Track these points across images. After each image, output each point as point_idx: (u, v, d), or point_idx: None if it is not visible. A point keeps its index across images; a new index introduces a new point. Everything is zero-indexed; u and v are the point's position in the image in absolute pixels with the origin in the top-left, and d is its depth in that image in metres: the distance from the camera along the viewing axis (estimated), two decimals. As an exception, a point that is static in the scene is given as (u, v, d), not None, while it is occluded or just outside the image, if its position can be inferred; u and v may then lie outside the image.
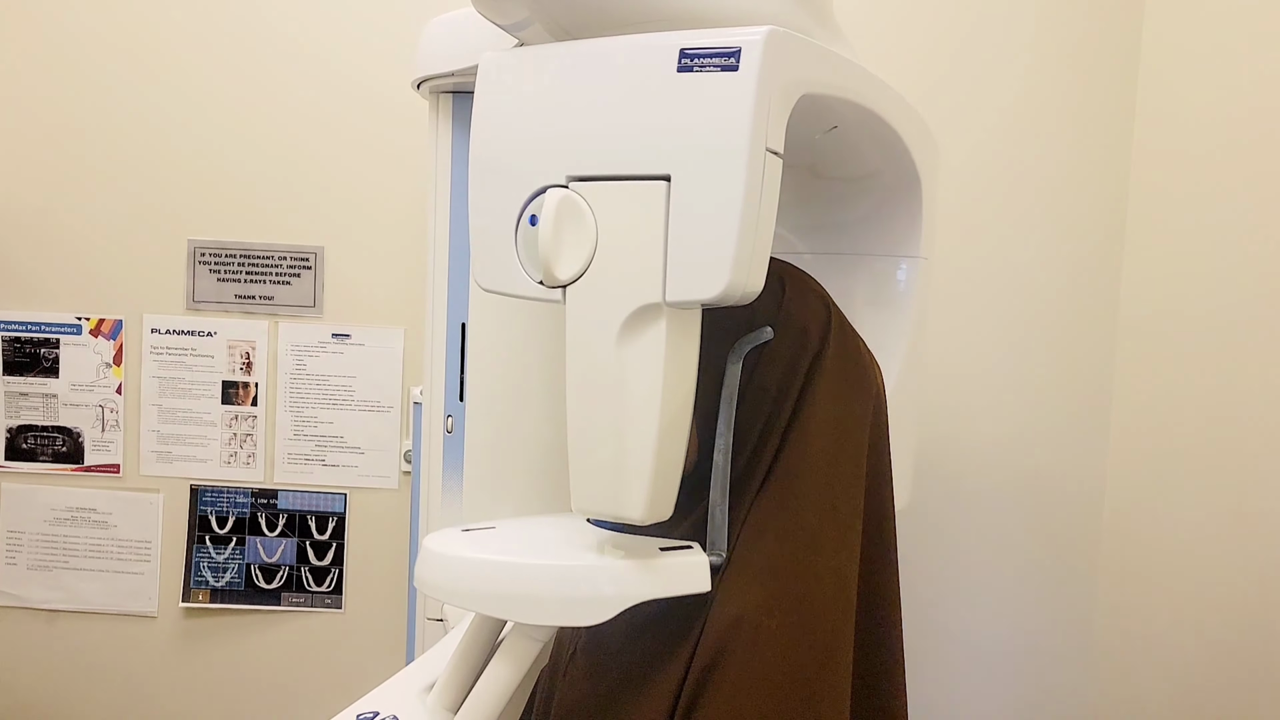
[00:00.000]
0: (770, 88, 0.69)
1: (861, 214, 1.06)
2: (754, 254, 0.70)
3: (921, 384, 1.10)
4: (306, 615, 1.69)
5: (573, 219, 0.75)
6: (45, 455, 1.70)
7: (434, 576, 0.82)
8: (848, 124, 0.85)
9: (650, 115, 0.72)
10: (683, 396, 0.77)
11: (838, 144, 0.93)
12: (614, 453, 0.76)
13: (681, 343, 0.75)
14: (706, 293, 0.70)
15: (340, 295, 1.66)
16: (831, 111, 0.82)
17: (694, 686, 0.78)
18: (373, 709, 0.90)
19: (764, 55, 0.68)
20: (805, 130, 0.85)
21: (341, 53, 1.63)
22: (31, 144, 1.65)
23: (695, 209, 0.70)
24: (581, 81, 0.76)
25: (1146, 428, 1.54)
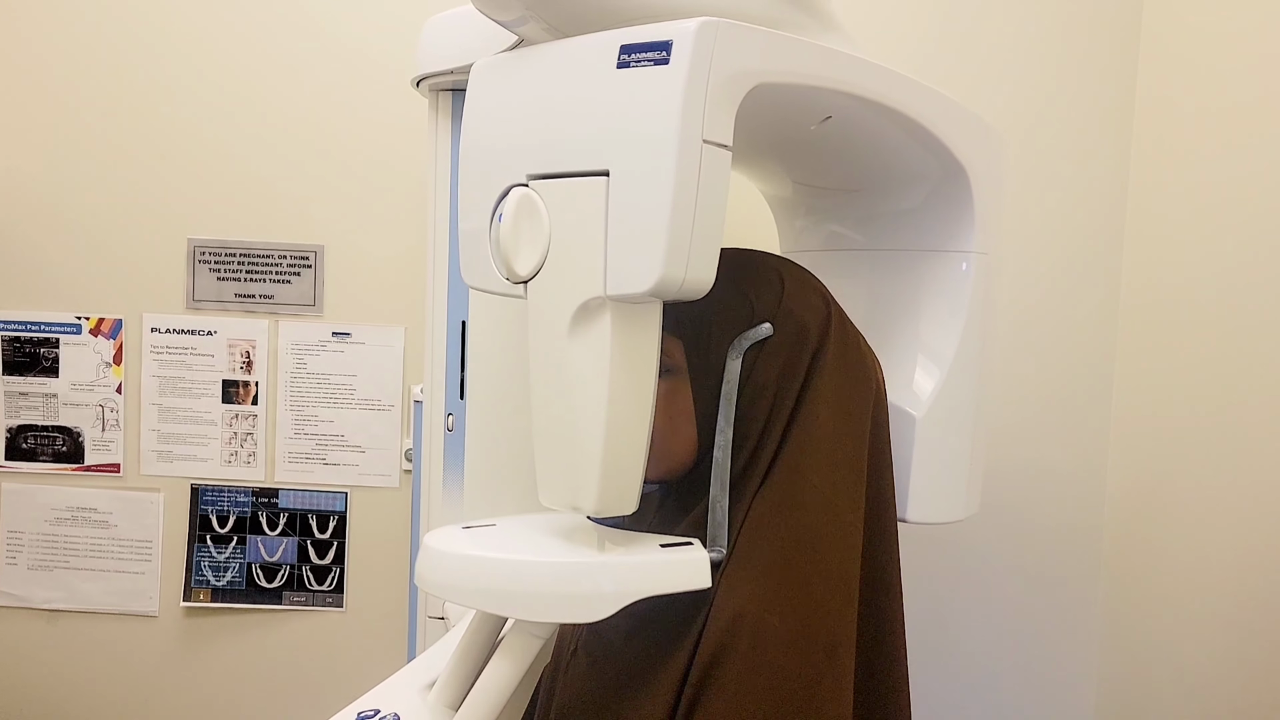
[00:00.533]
0: (703, 79, 0.69)
1: (909, 206, 1.03)
2: (692, 246, 0.70)
3: (981, 392, 1.01)
4: (308, 614, 1.69)
5: (529, 216, 0.77)
6: (45, 455, 1.70)
7: (435, 574, 0.83)
8: (846, 115, 0.84)
9: (593, 112, 0.74)
10: (636, 390, 0.77)
11: (848, 135, 0.92)
12: (568, 445, 0.78)
13: (632, 337, 0.76)
14: (641, 286, 0.71)
15: (341, 294, 1.67)
16: (820, 102, 0.81)
17: (696, 683, 0.78)
18: (374, 707, 0.90)
19: (695, 47, 0.69)
20: (799, 122, 0.85)
21: (341, 51, 1.63)
22: (31, 144, 1.66)
23: (630, 203, 0.71)
24: (540, 83, 0.78)
25: (1148, 421, 1.54)
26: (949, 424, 0.98)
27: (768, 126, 0.89)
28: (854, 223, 1.10)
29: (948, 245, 0.99)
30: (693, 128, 0.69)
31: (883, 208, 1.05)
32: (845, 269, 1.08)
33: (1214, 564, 1.38)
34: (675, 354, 0.86)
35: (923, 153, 0.93)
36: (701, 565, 0.80)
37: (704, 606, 0.81)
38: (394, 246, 1.64)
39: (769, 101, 0.76)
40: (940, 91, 0.90)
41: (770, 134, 0.92)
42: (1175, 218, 1.50)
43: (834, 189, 1.10)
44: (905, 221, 1.03)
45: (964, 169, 0.93)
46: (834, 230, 1.13)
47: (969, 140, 0.94)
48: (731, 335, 0.84)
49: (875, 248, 1.07)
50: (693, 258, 0.71)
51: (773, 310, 0.85)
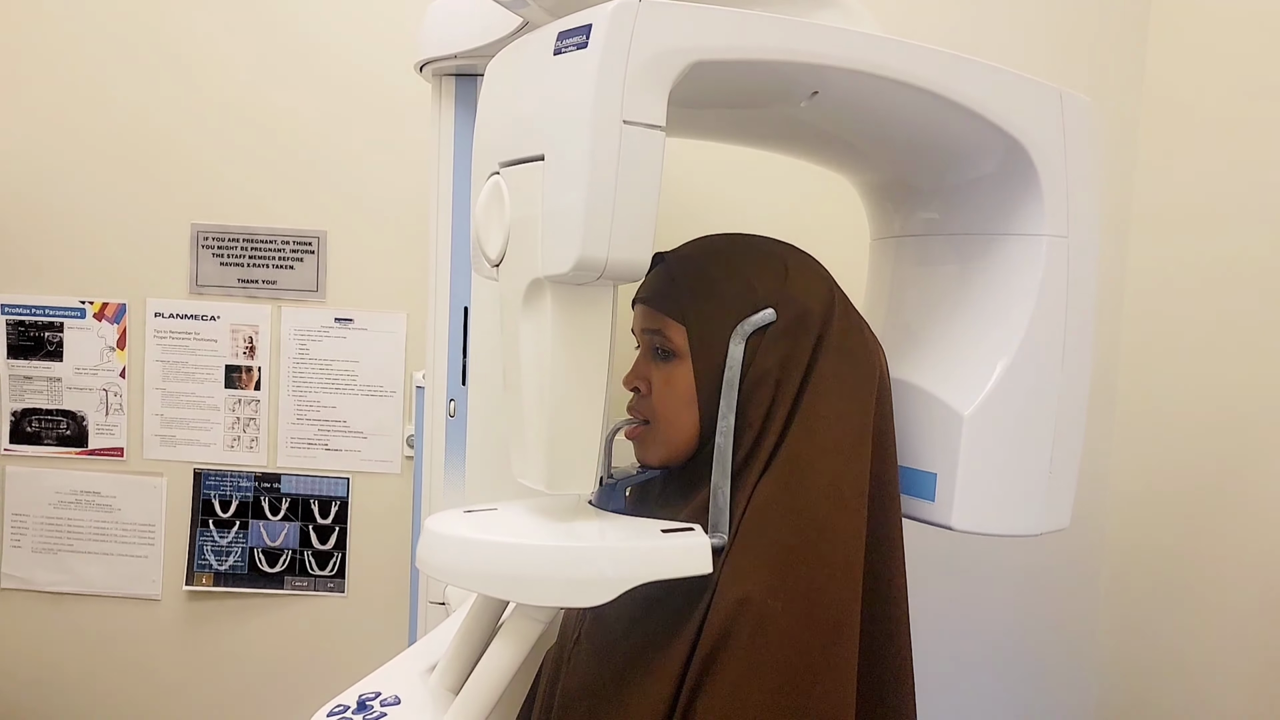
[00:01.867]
0: (621, 60, 0.70)
1: (967, 187, 0.96)
2: (614, 228, 0.70)
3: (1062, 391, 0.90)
4: (309, 599, 1.70)
5: (495, 203, 0.80)
6: (49, 438, 1.70)
7: (436, 557, 0.83)
8: (836, 90, 0.83)
9: (535, 98, 0.76)
10: (580, 371, 0.78)
11: (859, 112, 0.89)
12: (522, 422, 0.80)
13: (574, 318, 0.77)
14: (562, 266, 0.72)
15: (343, 280, 1.67)
16: (798, 78, 0.80)
17: (699, 668, 0.78)
18: (375, 689, 0.90)
19: (610, 29, 0.69)
20: (786, 97, 0.84)
21: (344, 36, 1.62)
22: (35, 129, 1.66)
23: (556, 185, 0.72)
24: (513, 74, 0.81)
25: (1152, 420, 1.54)
26: (1008, 424, 0.90)
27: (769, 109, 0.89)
28: (929, 206, 1.03)
29: (1013, 228, 0.91)
30: (609, 109, 0.70)
31: (944, 189, 0.99)
32: (919, 256, 1.03)
33: (1223, 565, 1.38)
34: (677, 339, 0.86)
35: (960, 128, 0.88)
36: (703, 551, 0.80)
37: (706, 593, 0.81)
38: (396, 232, 1.64)
39: (740, 78, 0.77)
40: (980, 61, 0.85)
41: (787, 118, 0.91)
42: (1181, 216, 1.49)
43: (895, 174, 1.05)
44: (969, 203, 0.96)
45: (1018, 143, 0.87)
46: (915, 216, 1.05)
47: (1022, 111, 0.87)
48: (734, 321, 0.84)
49: (944, 232, 1.00)
50: (615, 239, 0.71)
51: (776, 295, 0.85)
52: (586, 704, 0.87)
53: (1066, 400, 0.91)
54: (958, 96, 0.84)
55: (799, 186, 1.60)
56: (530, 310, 0.78)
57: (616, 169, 0.70)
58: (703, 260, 0.88)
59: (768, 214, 1.57)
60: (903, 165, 1.02)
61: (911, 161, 1.00)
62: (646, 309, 0.89)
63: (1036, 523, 0.92)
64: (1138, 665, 1.55)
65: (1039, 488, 0.91)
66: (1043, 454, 0.91)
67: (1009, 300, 0.90)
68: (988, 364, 0.89)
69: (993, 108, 0.86)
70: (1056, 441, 0.91)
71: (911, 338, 0.99)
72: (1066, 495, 0.93)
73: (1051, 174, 0.88)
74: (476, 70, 1.16)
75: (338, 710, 0.87)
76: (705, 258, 0.88)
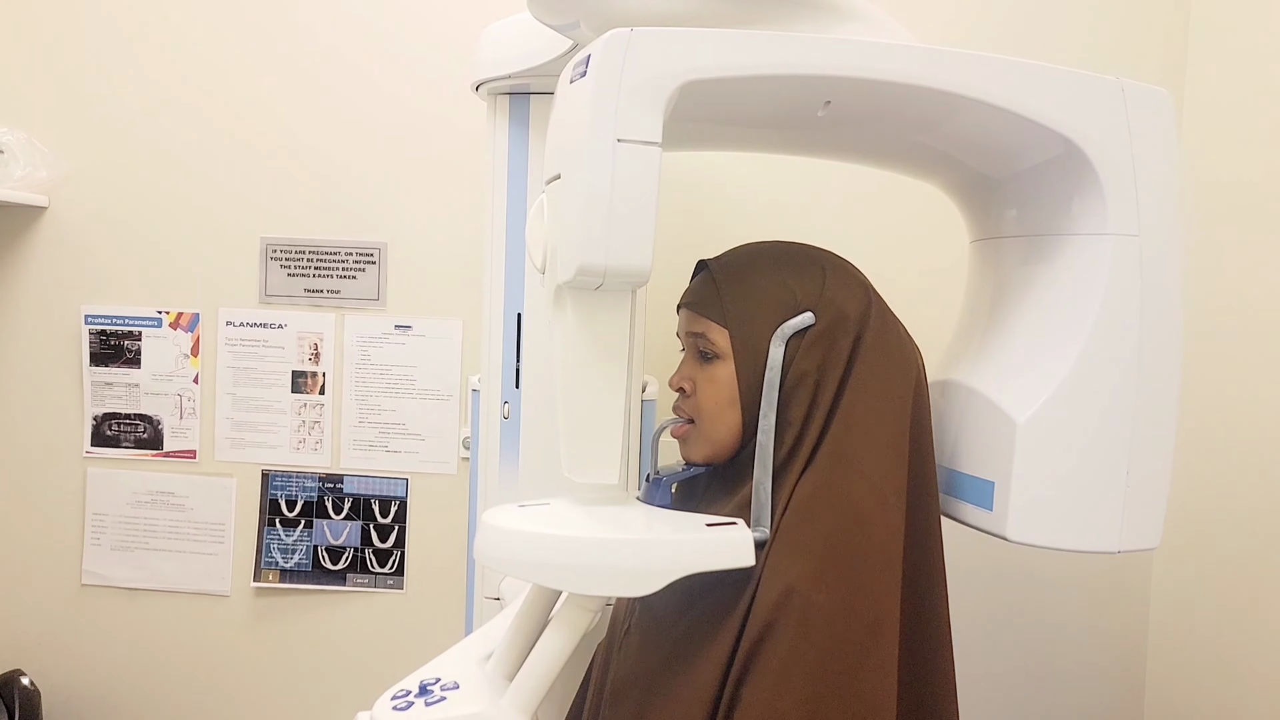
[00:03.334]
0: (615, 85, 0.76)
1: (1027, 187, 0.95)
2: (611, 237, 0.77)
3: (1138, 400, 0.85)
4: (370, 595, 1.74)
5: (539, 216, 0.87)
6: (128, 441, 1.76)
7: (493, 549, 0.87)
8: (849, 99, 0.85)
9: (557, 122, 0.84)
10: (599, 370, 0.85)
11: (875, 118, 0.91)
12: (556, 417, 0.88)
13: (591, 320, 0.84)
14: (567, 274, 0.79)
15: (402, 288, 1.71)
16: (804, 90, 0.83)
17: (745, 656, 0.81)
18: (435, 675, 0.94)
19: (603, 58, 0.77)
20: (804, 109, 0.87)
21: (404, 59, 1.67)
22: (116, 151, 1.72)
23: (566, 199, 0.79)
24: (556, 99, 0.86)
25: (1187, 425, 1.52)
26: (1071, 434, 0.86)
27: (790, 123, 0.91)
28: (999, 209, 1.01)
29: (1075, 227, 0.87)
30: (603, 129, 0.76)
31: (1007, 192, 0.98)
32: (995, 259, 1.02)
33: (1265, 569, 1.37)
34: (720, 342, 0.89)
35: (996, 128, 0.87)
36: (745, 544, 0.83)
37: (750, 585, 0.83)
38: (453, 243, 1.68)
39: (747, 94, 0.82)
40: (1012, 60, 0.84)
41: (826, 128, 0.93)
42: (1228, 216, 1.48)
43: (958, 177, 1.04)
44: (1032, 204, 0.93)
45: (1068, 140, 0.84)
46: (989, 219, 1.04)
47: (1069, 107, 0.84)
48: (775, 324, 0.87)
49: (1015, 234, 0.97)
50: (613, 247, 0.77)
51: (814, 299, 0.88)
52: (637, 691, 0.90)
53: (1146, 410, 0.85)
54: (984, 96, 0.83)
55: (840, 193, 1.63)
56: (558, 313, 0.85)
57: (612, 183, 0.76)
58: (743, 266, 0.91)
59: (808, 221, 1.60)
60: (957, 169, 1.02)
61: (964, 165, 0.99)
62: (690, 313, 0.93)
63: (1112, 539, 0.86)
64: (1188, 675, 1.53)
65: (1113, 502, 0.86)
66: (1116, 466, 0.85)
67: (1072, 304, 0.86)
68: (1049, 370, 0.86)
69: (1032, 106, 0.83)
70: (1135, 454, 0.85)
71: (981, 342, 0.99)
72: (1152, 511, 0.87)
73: (1114, 170, 0.84)
74: (529, 89, 1.19)
75: (401, 694, 0.91)
76: (746, 264, 0.92)
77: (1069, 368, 0.85)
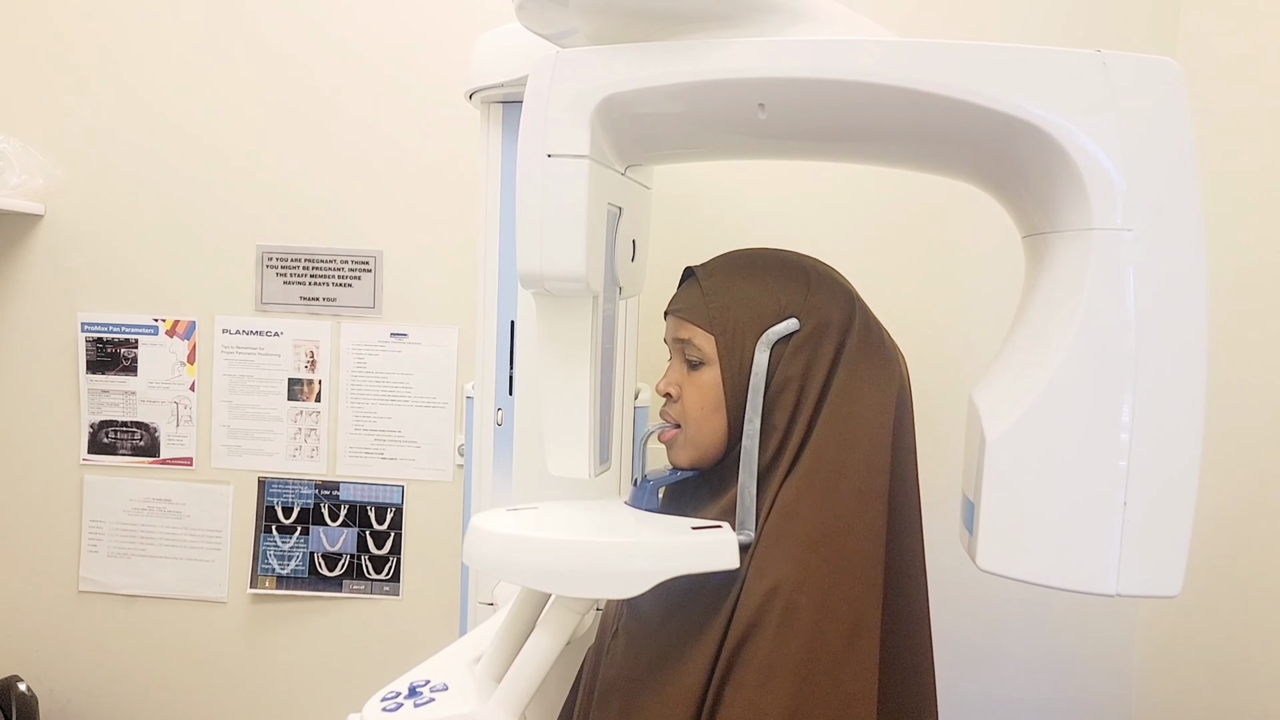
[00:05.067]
0: (544, 103, 0.82)
1: (1012, 182, 0.87)
2: (544, 244, 0.83)
3: (1141, 418, 0.72)
4: (366, 601, 1.74)
5: None
6: (125, 449, 1.77)
7: (481, 552, 0.88)
8: (782, 100, 0.83)
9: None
10: (565, 370, 0.90)
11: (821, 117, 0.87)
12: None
13: (556, 324, 0.90)
14: (521, 280, 0.85)
15: (398, 297, 1.72)
16: (731, 94, 0.83)
17: (729, 656, 0.82)
18: (424, 677, 0.95)
19: (533, 80, 0.83)
20: (740, 113, 0.86)
21: (398, 69, 1.68)
22: (112, 161, 1.74)
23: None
24: None
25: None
26: (1049, 453, 0.75)
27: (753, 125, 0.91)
28: (1022, 204, 0.88)
29: (1063, 223, 0.77)
30: (534, 146, 0.82)
31: (1008, 190, 0.89)
32: (1026, 257, 0.90)
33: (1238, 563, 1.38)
34: (706, 348, 0.91)
35: (949, 119, 0.79)
36: (730, 546, 0.85)
37: (735, 587, 0.85)
38: (448, 252, 1.69)
39: (683, 102, 0.84)
40: (959, 43, 0.76)
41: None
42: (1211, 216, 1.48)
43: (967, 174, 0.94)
44: (1027, 201, 0.85)
45: (1036, 127, 0.74)
46: (1018, 213, 0.92)
47: (1034, 89, 0.75)
48: (759, 330, 0.88)
49: (1026, 234, 0.88)
50: (547, 254, 0.83)
51: (799, 306, 0.89)
52: (624, 692, 0.92)
53: (1151, 430, 0.73)
54: (929, 86, 0.76)
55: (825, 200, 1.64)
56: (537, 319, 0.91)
57: (544, 195, 0.81)
58: (729, 273, 0.93)
59: (794, 228, 1.61)
60: (955, 164, 0.94)
61: (960, 161, 0.92)
62: (677, 319, 0.94)
63: (1106, 580, 0.74)
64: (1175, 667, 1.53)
65: (1107, 537, 0.73)
66: (1108, 494, 0.73)
67: (1059, 309, 0.76)
68: (1030, 383, 0.76)
69: (986, 91, 0.75)
70: (1135, 480, 0.73)
71: (1000, 350, 0.89)
72: (1168, 551, 0.73)
73: (1093, 156, 0.73)
74: (521, 98, 1.21)
75: (390, 695, 0.92)
76: (731, 271, 0.93)
77: (1048, 379, 0.75)
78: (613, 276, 0.95)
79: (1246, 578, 1.38)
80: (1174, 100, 0.74)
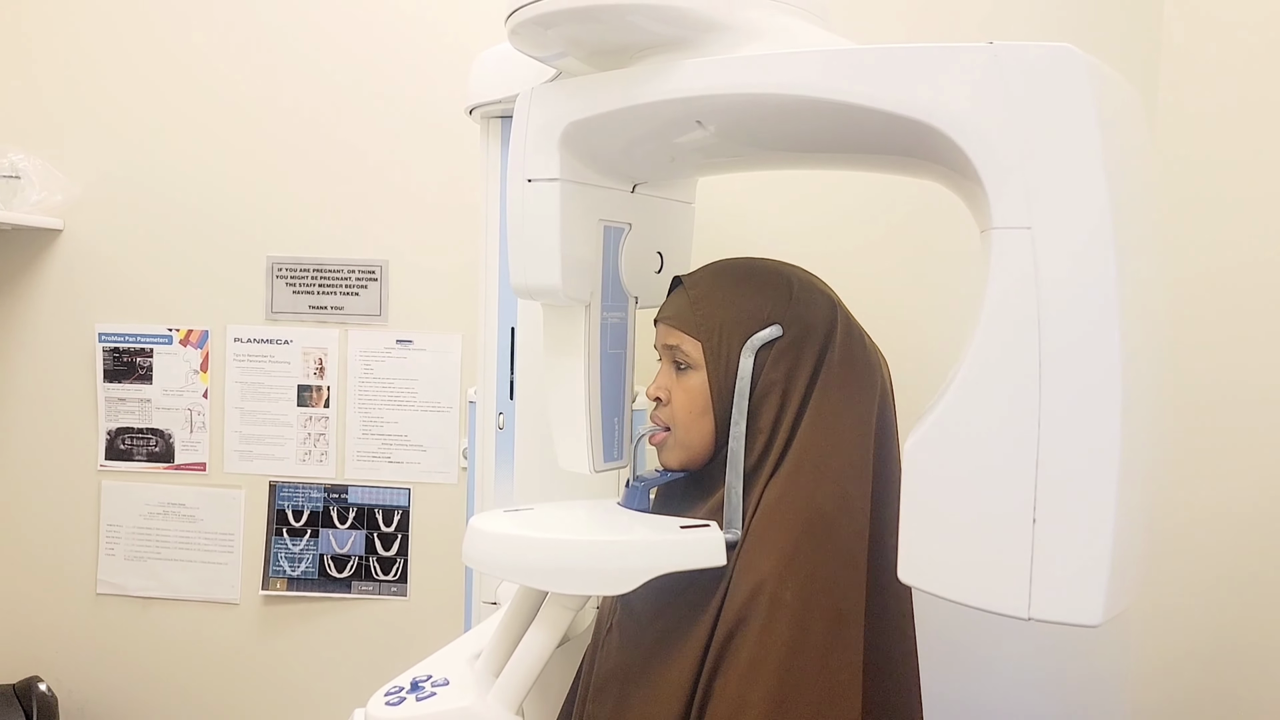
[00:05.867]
0: (524, 132, 0.91)
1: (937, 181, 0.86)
2: (526, 259, 0.92)
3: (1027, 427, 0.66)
4: (374, 602, 1.77)
5: None
6: (140, 455, 1.81)
7: (479, 552, 0.92)
8: (716, 115, 0.86)
9: None
10: (564, 371, 0.98)
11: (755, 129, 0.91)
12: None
13: (555, 329, 0.99)
14: (514, 290, 0.96)
15: (403, 305, 1.75)
16: (676, 112, 0.87)
17: (718, 649, 0.85)
18: (426, 673, 0.98)
19: (516, 112, 0.92)
20: (686, 129, 0.90)
21: (401, 85, 1.72)
22: (128, 177, 1.78)
23: None
24: None
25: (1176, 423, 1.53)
26: (955, 463, 0.70)
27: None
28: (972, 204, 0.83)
29: (982, 222, 0.73)
30: (516, 172, 0.91)
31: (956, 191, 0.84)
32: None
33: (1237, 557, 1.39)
34: (694, 353, 0.94)
35: (874, 124, 0.76)
36: (717, 544, 0.88)
37: (723, 583, 0.88)
38: (451, 261, 1.72)
39: (636, 123, 0.89)
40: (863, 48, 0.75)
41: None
42: (1198, 221, 1.49)
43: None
44: (967, 200, 0.81)
45: (933, 128, 0.70)
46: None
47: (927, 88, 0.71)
48: (744, 336, 0.92)
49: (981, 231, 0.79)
50: (528, 268, 0.92)
51: (782, 313, 0.92)
52: (618, 686, 0.95)
53: (1060, 443, 0.65)
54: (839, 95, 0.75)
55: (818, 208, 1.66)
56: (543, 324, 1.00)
57: (524, 216, 0.90)
58: (715, 282, 0.96)
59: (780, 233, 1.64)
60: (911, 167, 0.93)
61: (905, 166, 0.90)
62: (666, 326, 0.97)
63: (1017, 602, 0.66)
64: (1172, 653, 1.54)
65: (1015, 556, 0.66)
66: (1015, 510, 0.66)
67: (976, 311, 0.71)
68: (947, 389, 0.72)
69: (880, 95, 0.73)
70: (1045, 497, 0.66)
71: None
72: (1086, 576, 0.65)
73: (989, 152, 0.68)
74: None
75: (393, 690, 0.95)
76: (718, 280, 0.96)
77: (955, 386, 0.70)
78: (617, 287, 1.01)
79: (1244, 584, 1.39)
80: (1073, 89, 0.66)
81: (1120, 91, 0.71)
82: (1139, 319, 0.67)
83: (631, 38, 0.87)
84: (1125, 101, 0.71)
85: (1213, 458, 1.44)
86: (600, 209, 0.97)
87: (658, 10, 0.82)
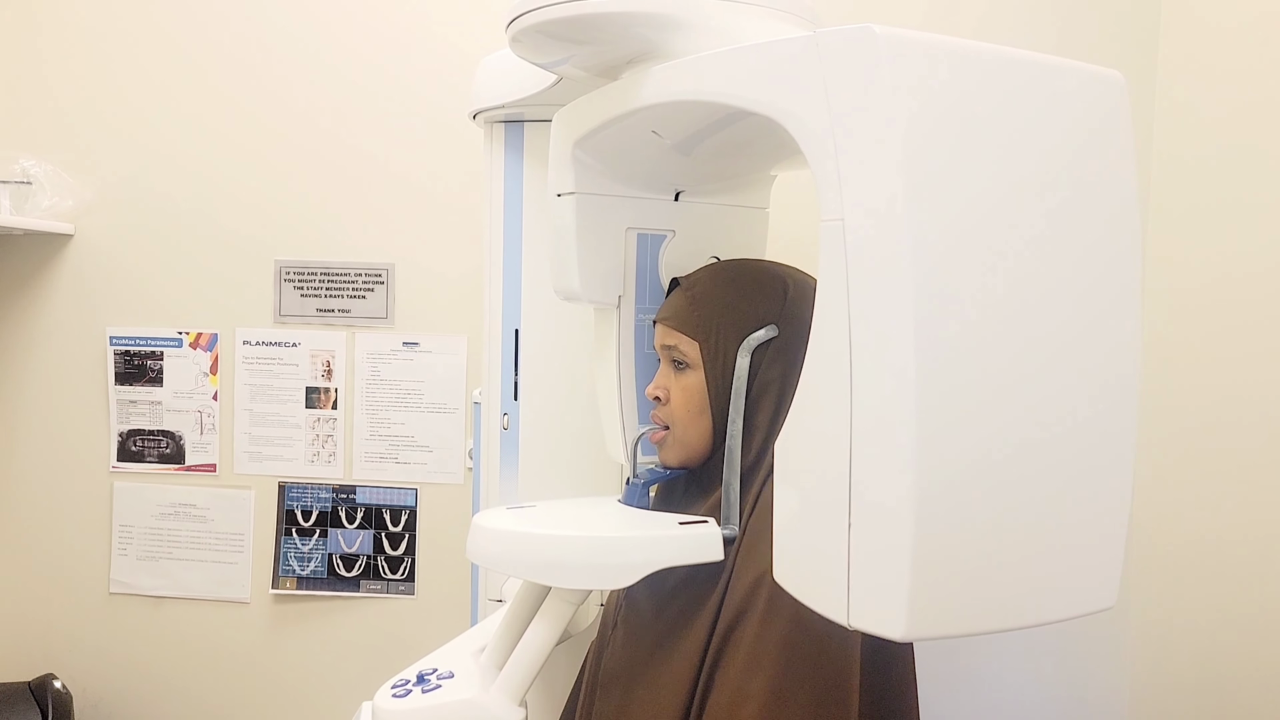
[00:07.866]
0: (552, 151, 0.98)
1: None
2: (556, 266, 1.02)
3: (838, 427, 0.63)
4: (382, 600, 1.79)
5: None
6: (151, 456, 1.83)
7: (482, 548, 0.94)
8: (659, 124, 0.90)
9: None
10: (602, 365, 1.07)
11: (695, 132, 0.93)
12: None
13: (597, 328, 1.08)
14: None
15: (409, 307, 1.77)
16: (642, 122, 0.90)
17: (719, 643, 0.87)
18: (432, 666, 1.00)
19: (550, 129, 0.99)
20: (652, 142, 0.94)
21: (407, 91, 1.74)
22: (138, 182, 1.81)
23: None
24: None
25: (1171, 421, 1.54)
26: (795, 464, 0.69)
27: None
28: None
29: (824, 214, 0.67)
30: (549, 189, 1.00)
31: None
32: None
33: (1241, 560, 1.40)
34: (691, 353, 0.96)
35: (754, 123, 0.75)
36: (714, 539, 0.90)
37: (723, 579, 0.89)
38: (456, 264, 1.74)
39: (619, 137, 0.93)
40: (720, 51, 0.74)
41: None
42: (1196, 221, 1.49)
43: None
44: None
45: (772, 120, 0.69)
46: None
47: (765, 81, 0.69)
48: (741, 336, 0.93)
49: None
50: (557, 274, 1.02)
51: (777, 314, 0.94)
52: (623, 681, 0.97)
53: (868, 450, 0.62)
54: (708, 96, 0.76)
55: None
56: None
57: (553, 228, 0.98)
58: (713, 284, 0.98)
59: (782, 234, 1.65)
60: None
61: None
62: (665, 327, 0.99)
63: (838, 608, 0.64)
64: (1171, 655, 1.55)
65: (833, 561, 0.63)
66: (832, 515, 0.64)
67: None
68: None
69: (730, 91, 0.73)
70: (857, 505, 0.62)
71: None
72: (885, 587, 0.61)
73: (814, 142, 0.65)
74: (523, 118, 1.25)
75: (400, 683, 0.98)
76: (715, 281, 0.98)
77: (800, 386, 0.69)
78: (656, 290, 1.06)
79: (1241, 587, 1.40)
80: (879, 76, 0.61)
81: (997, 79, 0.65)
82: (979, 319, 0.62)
83: (626, 46, 0.88)
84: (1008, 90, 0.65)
85: (1213, 458, 1.45)
86: (630, 218, 1.03)
87: (650, 19, 0.83)
